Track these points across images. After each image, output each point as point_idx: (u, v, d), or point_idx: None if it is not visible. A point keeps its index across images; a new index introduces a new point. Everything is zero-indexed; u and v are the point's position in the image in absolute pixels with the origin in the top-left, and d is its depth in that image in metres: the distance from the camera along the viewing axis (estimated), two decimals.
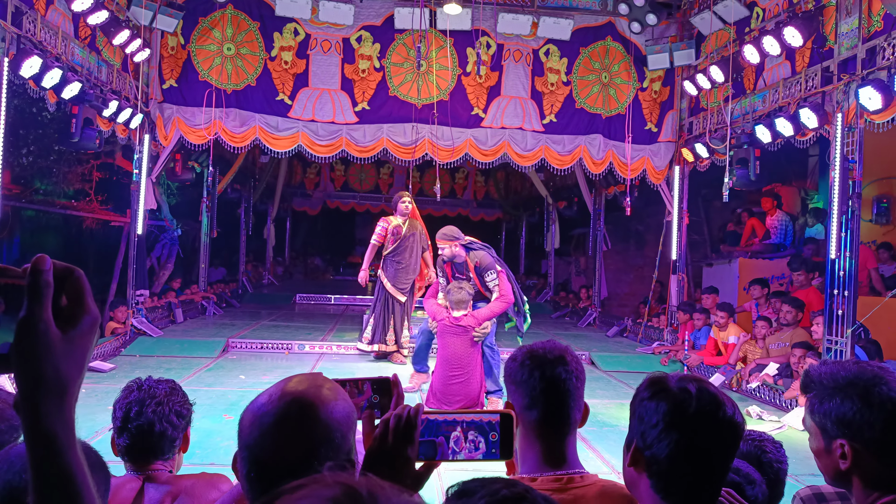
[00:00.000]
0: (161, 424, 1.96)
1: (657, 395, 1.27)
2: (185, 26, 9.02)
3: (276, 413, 1.01)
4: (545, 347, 1.64)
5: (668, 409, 1.24)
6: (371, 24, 9.40)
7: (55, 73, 6.55)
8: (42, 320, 0.72)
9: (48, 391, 0.73)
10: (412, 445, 1.07)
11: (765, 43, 7.25)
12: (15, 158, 9.41)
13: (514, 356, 1.67)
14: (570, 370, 1.59)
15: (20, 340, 0.72)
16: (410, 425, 1.08)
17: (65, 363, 0.74)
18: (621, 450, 4.42)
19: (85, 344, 0.76)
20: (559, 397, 1.56)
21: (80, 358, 0.76)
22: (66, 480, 0.73)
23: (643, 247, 13.41)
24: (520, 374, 1.60)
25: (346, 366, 7.87)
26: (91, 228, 11.30)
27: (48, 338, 0.73)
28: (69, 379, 0.75)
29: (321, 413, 1.03)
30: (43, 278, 0.73)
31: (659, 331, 9.76)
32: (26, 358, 0.72)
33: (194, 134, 9.17)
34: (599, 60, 9.73)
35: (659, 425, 1.24)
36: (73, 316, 0.76)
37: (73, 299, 0.76)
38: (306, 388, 1.05)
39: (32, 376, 0.72)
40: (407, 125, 9.44)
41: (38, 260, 0.74)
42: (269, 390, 1.07)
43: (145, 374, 2.24)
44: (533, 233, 18.64)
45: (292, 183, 18.62)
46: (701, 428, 1.22)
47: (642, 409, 1.28)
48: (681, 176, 9.95)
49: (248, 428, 1.03)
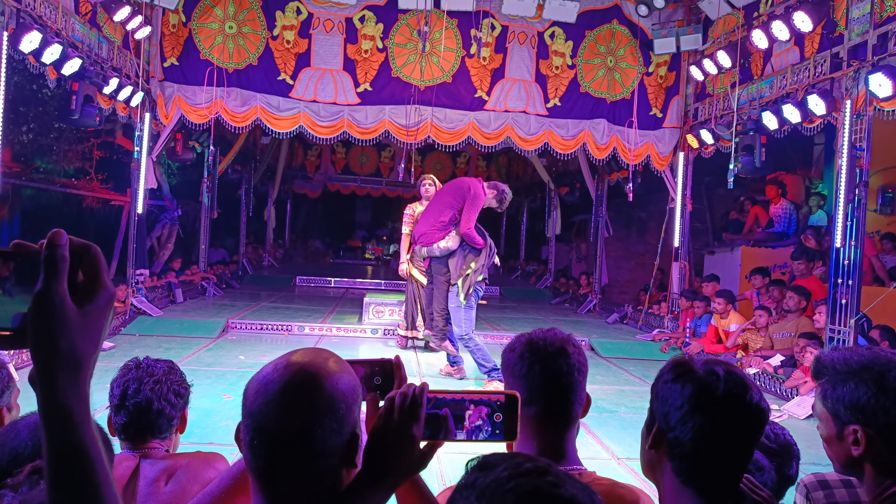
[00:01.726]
0: (159, 403, 1.95)
1: (682, 378, 1.23)
2: (187, 4, 8.92)
3: (280, 381, 1.01)
4: (546, 338, 1.55)
5: (693, 392, 1.20)
6: (374, 4, 9.29)
7: (55, 49, 6.48)
8: (58, 294, 0.72)
9: (63, 366, 0.73)
10: (417, 424, 1.05)
11: (774, 28, 7.17)
12: (15, 136, 9.36)
13: (513, 346, 1.58)
14: (571, 363, 1.51)
15: (36, 314, 0.72)
16: (416, 403, 1.06)
17: (80, 338, 0.74)
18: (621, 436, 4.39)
19: (101, 319, 0.77)
20: (560, 393, 1.50)
21: (95, 333, 0.76)
22: (80, 454, 0.74)
23: (645, 234, 13.37)
24: (519, 367, 1.52)
25: (346, 348, 7.86)
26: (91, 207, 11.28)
27: (64, 312, 0.73)
28: (84, 354, 0.75)
29: (326, 383, 1.01)
30: (59, 252, 0.74)
31: (659, 318, 9.75)
32: (42, 332, 0.72)
33: (195, 113, 9.10)
34: (605, 44, 9.63)
35: (684, 407, 1.20)
36: (90, 291, 0.76)
37: (89, 275, 0.77)
38: (311, 360, 1.04)
39: (48, 350, 0.72)
40: (409, 107, 9.36)
41: (54, 234, 0.74)
42: (275, 361, 1.06)
43: (144, 353, 2.23)
44: (534, 218, 18.61)
45: (293, 165, 18.55)
46: (727, 411, 1.19)
47: (666, 391, 1.24)
48: (685, 162, 9.89)
49: (253, 396, 1.02)
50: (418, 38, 8.98)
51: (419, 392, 1.07)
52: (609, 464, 4.36)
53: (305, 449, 0.99)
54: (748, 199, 10.81)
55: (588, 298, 12.27)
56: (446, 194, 6.35)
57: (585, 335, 8.96)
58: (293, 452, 0.99)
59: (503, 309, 11.67)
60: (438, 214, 6.22)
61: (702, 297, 8.57)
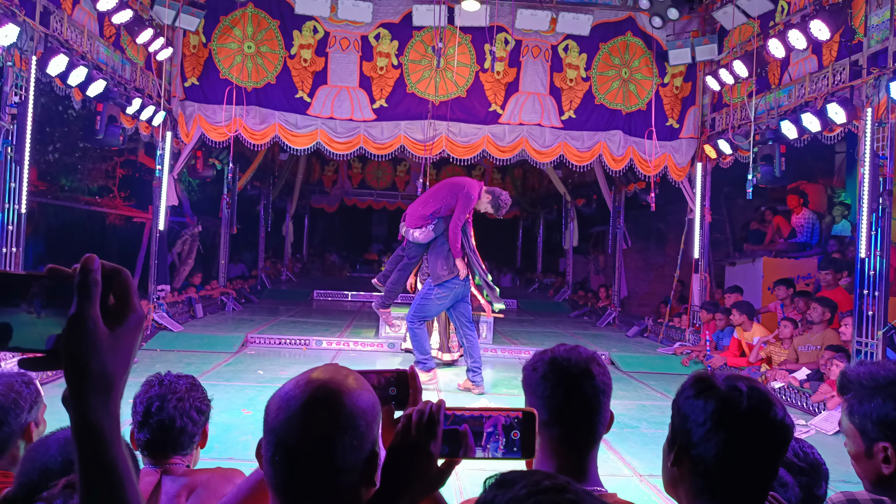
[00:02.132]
0: (182, 420, 1.98)
1: (704, 393, 1.21)
2: (207, 25, 9.08)
3: (302, 397, 1.02)
4: (570, 358, 1.48)
5: (716, 408, 1.19)
6: (389, 22, 9.39)
7: (81, 72, 6.63)
8: (91, 317, 0.75)
9: (95, 386, 0.76)
10: (435, 441, 1.06)
11: (790, 37, 7.13)
12: (41, 155, 9.54)
13: (535, 365, 1.52)
14: (596, 385, 1.46)
15: (70, 337, 0.75)
16: (433, 420, 1.06)
17: (111, 359, 0.77)
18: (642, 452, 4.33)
19: (131, 341, 0.80)
20: (584, 415, 1.45)
21: (125, 354, 0.79)
22: (111, 471, 0.77)
23: (664, 245, 13.28)
24: (542, 388, 1.47)
25: (363, 363, 7.86)
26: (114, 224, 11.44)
27: (96, 335, 0.76)
28: (115, 375, 0.78)
29: (346, 400, 1.03)
30: (92, 277, 0.76)
31: (680, 331, 9.65)
32: (75, 354, 0.75)
33: (215, 131, 9.23)
34: (619, 56, 9.63)
35: (706, 424, 1.19)
36: (120, 314, 0.79)
37: (119, 298, 0.80)
38: (332, 376, 1.06)
39: (81, 371, 0.75)
40: (424, 122, 9.43)
41: (87, 259, 0.77)
42: (296, 378, 1.07)
43: (165, 368, 2.24)
44: (551, 231, 18.55)
45: (311, 180, 18.70)
46: (751, 428, 1.17)
47: (688, 407, 1.23)
48: (703, 173, 9.83)
49: (275, 412, 1.04)
50: (433, 55, 9.04)
51: (436, 409, 1.07)
52: (631, 480, 4.31)
53: (326, 465, 1.00)
54: (769, 209, 10.70)
55: (607, 311, 12.18)
56: (441, 188, 6.47)
57: (605, 349, 8.89)
58: (314, 468, 1.00)
59: (521, 322, 11.62)
60: (425, 204, 6.37)
61: (723, 309, 8.48)
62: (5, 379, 1.97)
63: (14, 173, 6.02)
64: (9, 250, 6.00)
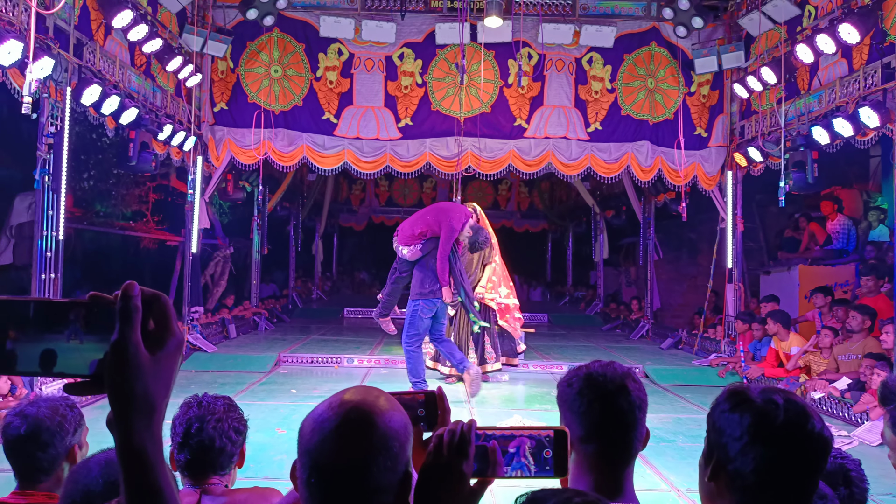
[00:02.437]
0: (221, 440, 2.00)
1: (739, 407, 1.19)
2: (234, 50, 9.27)
3: (335, 419, 1.03)
4: (605, 374, 1.48)
5: (752, 422, 1.17)
6: (412, 41, 9.49)
7: (113, 100, 6.81)
8: (133, 343, 0.77)
9: (138, 410, 0.78)
10: (467, 461, 1.05)
11: (818, 41, 7.03)
12: (77, 182, 9.79)
13: (570, 381, 1.51)
14: (632, 401, 1.45)
15: (113, 362, 0.77)
16: (465, 440, 1.06)
17: (153, 383, 0.79)
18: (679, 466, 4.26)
19: (171, 364, 0.81)
20: (621, 431, 1.44)
21: (167, 378, 0.81)
22: (155, 493, 0.79)
23: (696, 255, 13.09)
24: (577, 403, 1.47)
25: (394, 380, 7.87)
26: (148, 248, 11.66)
27: (138, 359, 0.78)
28: (157, 398, 0.80)
29: (379, 421, 1.03)
30: (133, 303, 0.78)
31: (715, 342, 9.48)
32: (118, 378, 0.77)
33: (245, 154, 9.40)
34: (644, 66, 9.59)
35: (743, 438, 1.17)
36: (161, 338, 0.81)
37: (159, 323, 0.81)
38: (363, 398, 1.07)
39: (124, 395, 0.77)
40: (450, 139, 9.48)
41: (128, 286, 0.79)
42: (328, 400, 1.09)
43: (201, 389, 2.28)
44: (580, 243, 18.42)
45: (339, 199, 18.88)
46: (789, 442, 1.15)
47: (723, 422, 1.21)
48: (734, 181, 9.70)
49: (309, 434, 1.05)
50: (456, 72, 9.11)
51: (467, 428, 1.07)
52: (668, 495, 4.23)
53: (361, 486, 1.00)
54: (803, 215, 10.50)
55: (640, 324, 12.04)
56: (429, 212, 6.80)
57: (639, 362, 8.78)
58: (349, 489, 1.00)
59: (552, 337, 11.53)
60: (414, 224, 6.67)
61: (759, 319, 8.32)
62: (50, 403, 2.02)
63: (52, 201, 6.19)
64: (48, 276, 6.15)
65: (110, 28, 7.11)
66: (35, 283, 6.09)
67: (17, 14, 5.60)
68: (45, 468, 1.96)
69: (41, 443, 1.95)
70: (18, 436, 1.95)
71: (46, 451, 1.95)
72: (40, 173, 6.05)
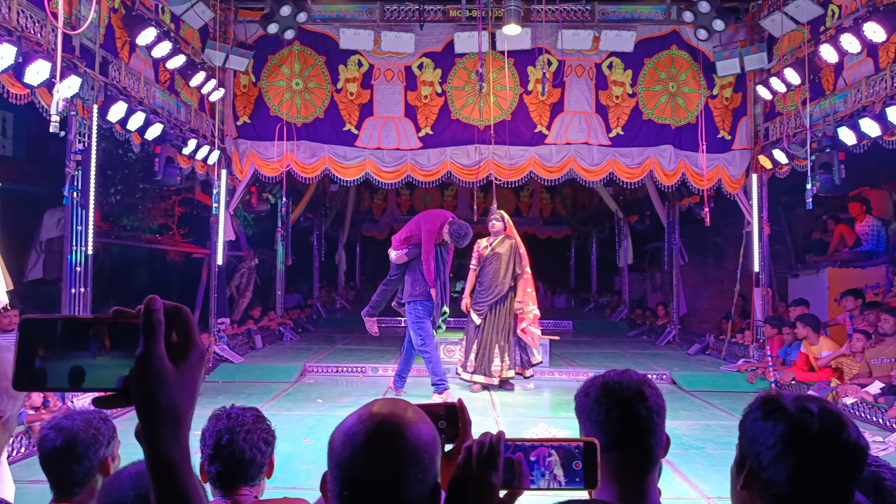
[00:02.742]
0: (251, 451, 2.02)
1: (773, 415, 1.18)
2: (256, 65, 9.39)
3: (366, 432, 1.04)
4: (621, 381, 1.50)
5: (786, 430, 1.15)
6: (432, 51, 9.54)
7: (139, 117, 6.93)
8: (157, 355, 0.79)
9: (165, 421, 0.80)
10: (496, 472, 1.04)
11: (843, 41, 6.93)
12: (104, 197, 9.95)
13: (587, 391, 1.53)
14: (650, 406, 1.46)
15: (138, 375, 0.79)
16: (494, 451, 1.05)
17: (179, 394, 0.80)
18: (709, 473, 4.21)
19: (195, 375, 0.83)
20: (640, 437, 1.45)
21: (191, 389, 0.82)
22: (184, 502, 0.81)
23: (722, 259, 12.94)
24: (595, 412, 1.48)
25: (419, 389, 7.88)
26: (174, 261, 11.81)
27: (163, 372, 0.79)
28: (183, 408, 0.81)
29: (408, 433, 1.04)
30: (155, 317, 0.80)
31: (744, 347, 9.35)
32: (145, 391, 0.79)
33: (268, 167, 9.50)
34: (665, 70, 9.53)
35: (777, 447, 1.15)
36: (184, 350, 0.82)
37: (182, 335, 0.83)
38: (392, 410, 1.07)
39: (151, 408, 0.79)
40: (470, 147, 9.49)
41: (150, 300, 0.80)
42: (357, 412, 1.09)
43: (228, 399, 2.30)
44: (604, 249, 18.28)
45: (361, 209, 18.99)
46: (824, 450, 1.13)
47: (756, 430, 1.19)
48: (759, 184, 9.58)
49: (340, 447, 1.05)
50: (476, 80, 9.12)
51: (496, 440, 1.06)
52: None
53: (394, 499, 1.00)
54: (831, 217, 10.33)
55: (667, 329, 11.91)
56: (415, 218, 7.27)
57: (666, 368, 8.69)
58: (383, 502, 1.01)
59: (577, 344, 11.46)
60: (403, 231, 7.19)
61: (789, 323, 8.19)
62: (84, 416, 2.06)
63: (80, 216, 6.29)
64: (77, 290, 6.25)
65: (135, 46, 7.24)
66: (65, 298, 6.20)
67: (45, 34, 5.73)
68: (80, 480, 2.00)
69: (76, 455, 1.99)
70: (54, 448, 1.99)
71: (81, 464, 1.99)
72: (69, 189, 6.17)
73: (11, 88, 5.31)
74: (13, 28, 5.30)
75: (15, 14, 5.37)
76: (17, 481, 4.32)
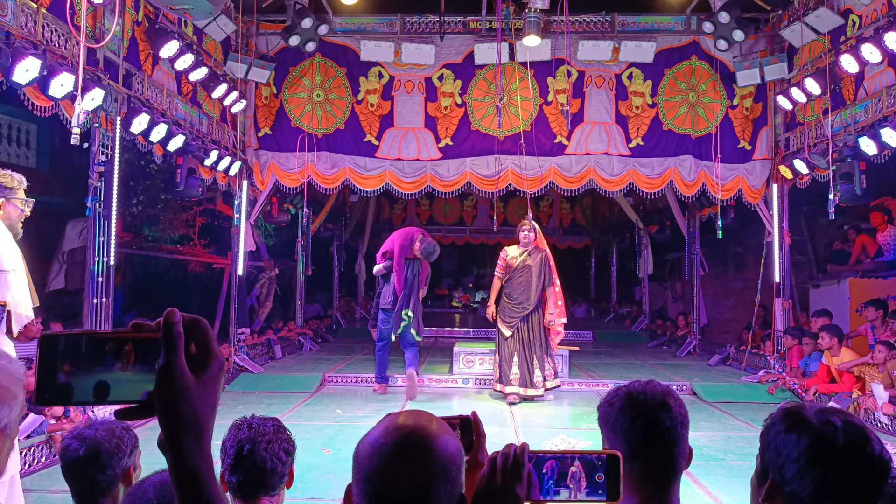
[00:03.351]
0: (272, 461, 2.04)
1: (796, 428, 1.18)
2: (277, 76, 9.51)
3: (393, 444, 1.04)
4: (645, 392, 1.51)
5: (810, 444, 1.15)
6: (452, 62, 9.60)
7: (161, 128, 7.04)
8: (178, 367, 0.81)
9: (188, 430, 0.82)
10: (520, 484, 1.06)
11: (863, 51, 6.88)
12: (126, 208, 10.11)
13: (611, 401, 1.53)
14: (674, 416, 1.47)
15: (160, 386, 0.81)
16: (518, 463, 1.07)
17: (200, 404, 0.83)
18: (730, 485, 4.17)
19: (215, 385, 0.85)
20: (664, 448, 1.45)
21: (212, 398, 0.85)
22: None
23: (743, 269, 12.82)
24: (619, 422, 1.48)
25: (439, 399, 7.89)
26: (195, 271, 11.93)
27: (184, 383, 0.81)
28: (205, 418, 0.83)
29: (435, 445, 1.05)
30: (175, 329, 0.82)
31: (764, 358, 9.25)
32: (167, 402, 0.81)
33: (288, 178, 9.61)
34: (685, 80, 9.51)
35: (801, 460, 1.15)
36: (204, 361, 0.84)
37: (201, 346, 0.85)
38: (417, 421, 1.08)
39: (174, 418, 0.81)
40: (490, 157, 9.52)
41: (169, 313, 0.82)
42: (383, 424, 1.09)
43: (248, 409, 2.33)
44: (624, 259, 18.21)
45: (381, 219, 19.08)
46: (848, 464, 1.13)
47: (779, 442, 1.19)
48: (779, 194, 9.50)
49: (367, 460, 1.05)
50: (496, 91, 9.17)
51: (520, 452, 1.08)
52: None
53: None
54: (852, 227, 10.21)
55: (687, 340, 11.81)
56: (392, 236, 7.97)
57: (687, 379, 8.62)
58: None
59: (598, 354, 11.40)
60: (383, 246, 7.95)
61: (810, 333, 8.09)
62: (107, 425, 2.10)
63: (103, 227, 6.39)
64: (99, 301, 6.34)
65: (158, 58, 7.37)
66: (87, 308, 6.28)
67: (70, 48, 5.85)
68: (103, 490, 2.03)
69: (100, 465, 2.02)
70: (78, 458, 2.02)
71: (105, 473, 2.02)
72: (92, 200, 6.26)
73: (36, 101, 5.42)
74: (38, 41, 5.42)
75: (40, 28, 5.50)
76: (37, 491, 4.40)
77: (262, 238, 11.94)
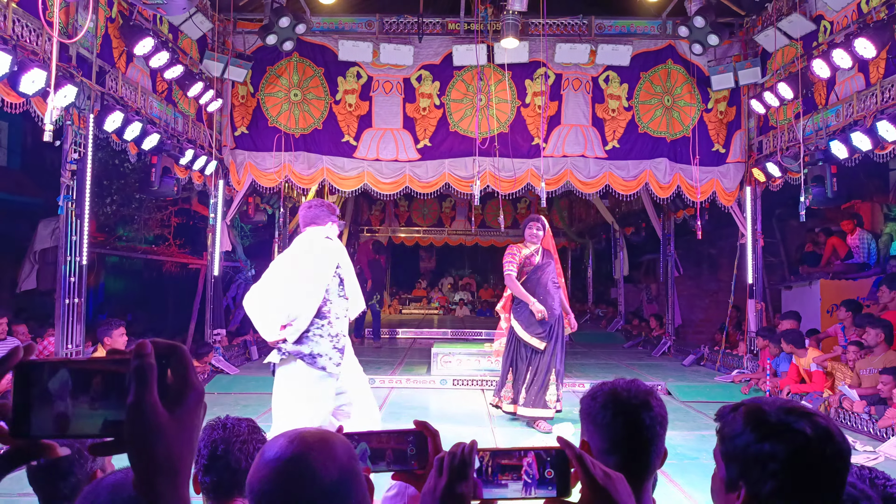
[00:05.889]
0: (247, 461, 2.01)
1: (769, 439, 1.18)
2: (254, 75, 9.44)
3: (273, 476, 1.06)
4: (629, 390, 1.57)
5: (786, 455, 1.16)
6: (430, 64, 9.60)
7: (136, 126, 6.95)
8: (149, 404, 0.74)
9: (161, 471, 0.74)
10: (466, 482, 1.04)
11: (835, 56, 7.02)
12: (99, 208, 9.96)
13: (595, 395, 1.59)
14: (654, 416, 1.53)
15: (131, 425, 0.73)
16: (465, 462, 1.05)
17: (175, 443, 0.75)
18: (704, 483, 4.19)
19: (192, 421, 0.78)
20: (641, 445, 1.51)
21: (188, 435, 0.77)
22: None
23: (717, 271, 12.99)
24: (601, 416, 1.54)
25: (416, 400, 7.88)
26: (170, 271, 11.79)
27: (157, 419, 0.74)
28: (180, 458, 0.76)
29: (315, 475, 1.05)
30: (147, 362, 0.74)
31: (738, 358, 9.38)
32: (138, 442, 0.74)
33: (265, 177, 9.53)
34: (661, 84, 9.62)
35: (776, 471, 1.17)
36: (179, 394, 0.77)
37: (178, 376, 0.78)
38: (297, 451, 1.08)
39: (146, 459, 0.74)
40: (468, 159, 9.53)
41: (140, 345, 0.76)
42: (269, 449, 1.10)
43: (223, 411, 2.31)
44: (600, 260, 18.35)
45: (359, 220, 19.03)
46: (822, 468, 1.16)
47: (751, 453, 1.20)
48: (753, 197, 9.65)
49: (256, 484, 1.08)
50: (474, 93, 9.20)
51: (468, 450, 1.06)
52: None
53: None
54: (822, 230, 10.40)
55: (662, 340, 11.93)
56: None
57: (661, 379, 8.71)
58: None
59: (574, 355, 11.44)
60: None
61: (777, 336, 8.22)
62: None
63: (75, 227, 6.30)
64: (72, 301, 6.25)
65: (132, 55, 7.28)
66: (59, 309, 6.19)
67: (41, 44, 5.75)
68: (67, 495, 1.97)
69: (61, 472, 1.97)
70: (39, 465, 1.97)
71: (67, 480, 1.97)
72: (64, 199, 6.16)
73: (7, 97, 5.32)
74: (8, 37, 5.33)
75: (10, 23, 5.41)
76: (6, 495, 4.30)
77: (238, 238, 11.83)
